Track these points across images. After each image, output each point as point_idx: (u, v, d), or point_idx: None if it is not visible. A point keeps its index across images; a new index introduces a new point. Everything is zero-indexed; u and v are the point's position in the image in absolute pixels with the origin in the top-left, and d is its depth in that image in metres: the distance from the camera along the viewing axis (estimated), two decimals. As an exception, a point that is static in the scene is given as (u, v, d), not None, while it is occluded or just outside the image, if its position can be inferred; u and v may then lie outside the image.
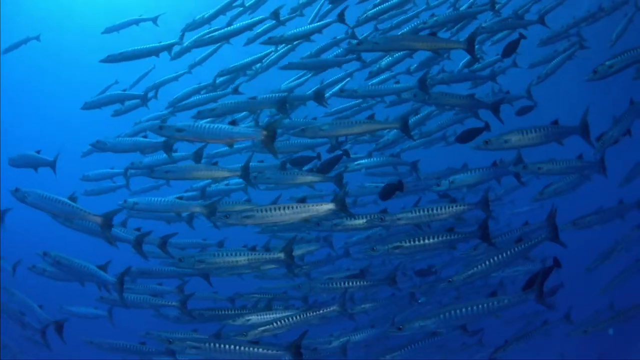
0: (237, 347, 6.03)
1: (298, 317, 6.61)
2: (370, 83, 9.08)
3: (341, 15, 8.45)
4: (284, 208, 6.19)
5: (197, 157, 7.52)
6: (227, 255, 6.57)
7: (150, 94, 9.92)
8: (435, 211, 6.45)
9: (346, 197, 6.47)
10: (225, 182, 9.06)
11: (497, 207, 11.46)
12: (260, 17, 9.21)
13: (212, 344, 6.04)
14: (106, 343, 8.52)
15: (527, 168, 7.29)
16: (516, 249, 6.31)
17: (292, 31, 8.66)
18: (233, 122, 6.63)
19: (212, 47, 10.22)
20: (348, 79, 10.14)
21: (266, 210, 6.17)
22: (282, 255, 6.49)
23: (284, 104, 7.32)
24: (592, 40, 10.91)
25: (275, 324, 6.49)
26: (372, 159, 9.24)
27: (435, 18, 8.12)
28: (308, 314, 6.68)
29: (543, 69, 10.91)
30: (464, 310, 5.73)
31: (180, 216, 8.03)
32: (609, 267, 10.03)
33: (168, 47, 9.47)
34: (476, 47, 9.68)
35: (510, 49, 8.20)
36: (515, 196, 13.00)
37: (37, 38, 14.94)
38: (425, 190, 8.94)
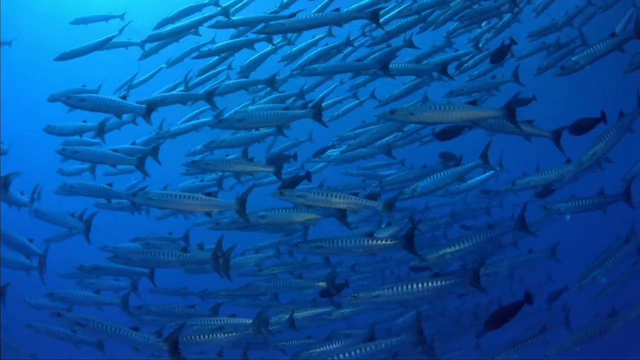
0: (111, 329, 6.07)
1: None
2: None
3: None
4: (189, 198, 6.40)
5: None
6: None
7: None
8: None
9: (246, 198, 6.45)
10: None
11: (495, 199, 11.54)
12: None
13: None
14: (43, 327, 8.43)
15: (547, 209, 7.54)
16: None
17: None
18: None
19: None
20: None
21: (170, 197, 6.41)
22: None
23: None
24: (593, 37, 10.85)
25: None
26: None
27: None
28: None
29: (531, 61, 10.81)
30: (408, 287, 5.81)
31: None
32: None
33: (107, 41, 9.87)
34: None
35: (499, 55, 8.12)
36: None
37: (9, 43, 14.94)
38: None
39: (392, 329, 10.33)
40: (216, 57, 9.74)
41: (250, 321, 6.96)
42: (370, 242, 6.11)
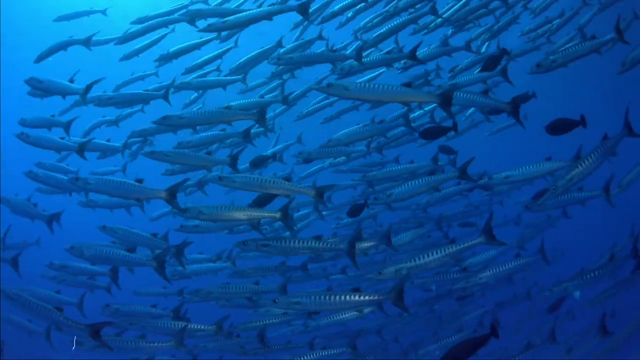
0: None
1: None
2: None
3: None
4: (117, 184, 6.56)
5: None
6: None
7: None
8: None
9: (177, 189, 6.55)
10: None
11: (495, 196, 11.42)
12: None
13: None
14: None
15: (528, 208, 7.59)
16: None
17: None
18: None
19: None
20: None
21: (96, 182, 6.57)
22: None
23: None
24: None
25: None
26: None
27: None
28: None
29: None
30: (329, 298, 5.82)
31: None
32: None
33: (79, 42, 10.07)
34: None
35: (491, 64, 7.93)
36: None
37: None
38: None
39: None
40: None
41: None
42: (316, 244, 6.23)
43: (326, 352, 7.83)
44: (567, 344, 10.54)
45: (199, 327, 7.62)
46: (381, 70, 10.24)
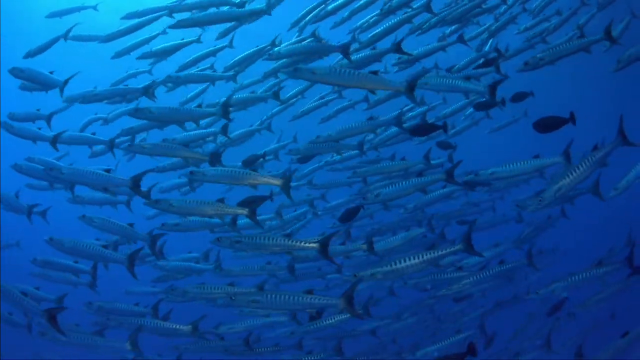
0: None
1: None
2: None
3: None
4: (86, 173, 6.86)
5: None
6: None
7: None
8: None
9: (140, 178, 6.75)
10: None
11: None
12: None
13: None
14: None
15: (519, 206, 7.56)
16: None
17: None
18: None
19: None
20: None
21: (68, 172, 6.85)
22: None
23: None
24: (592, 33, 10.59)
25: None
26: None
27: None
28: None
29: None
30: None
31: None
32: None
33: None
34: None
35: (485, 67, 7.86)
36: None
37: None
38: None
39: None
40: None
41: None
42: (287, 242, 6.21)
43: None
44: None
45: (175, 326, 7.64)
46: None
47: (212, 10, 8.50)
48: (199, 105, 7.97)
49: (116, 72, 11.32)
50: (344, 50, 7.52)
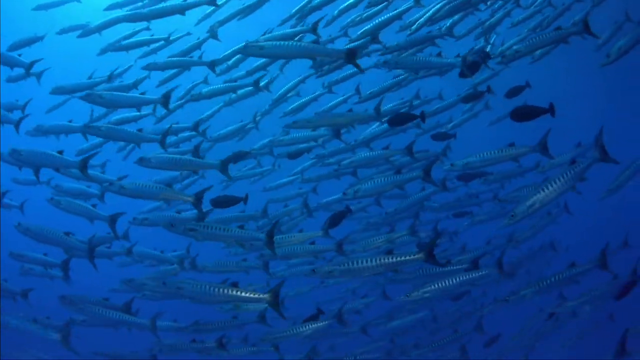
0: None
1: None
2: None
3: None
4: (40, 154, 6.98)
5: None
6: None
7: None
8: None
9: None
10: None
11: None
12: None
13: None
14: None
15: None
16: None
17: None
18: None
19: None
20: None
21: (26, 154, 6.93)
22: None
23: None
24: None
25: None
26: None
27: None
28: None
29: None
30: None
31: None
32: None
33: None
34: None
35: (471, 69, 7.61)
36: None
37: None
38: None
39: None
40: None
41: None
42: (239, 233, 6.39)
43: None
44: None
45: (137, 321, 7.75)
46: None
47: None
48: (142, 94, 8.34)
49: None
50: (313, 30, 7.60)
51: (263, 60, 9.53)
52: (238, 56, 9.57)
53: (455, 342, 9.98)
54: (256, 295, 6.00)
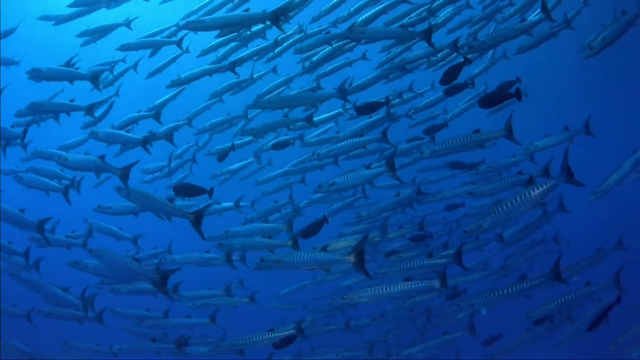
0: None
1: None
2: None
3: None
4: None
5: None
6: None
7: None
8: None
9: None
10: None
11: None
12: None
13: None
14: None
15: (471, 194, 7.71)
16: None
17: None
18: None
19: None
20: None
21: None
22: None
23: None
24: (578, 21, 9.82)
25: None
26: None
27: None
28: None
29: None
30: None
31: None
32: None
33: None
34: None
35: (450, 76, 7.38)
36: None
37: None
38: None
39: None
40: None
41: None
42: (168, 206, 6.63)
43: None
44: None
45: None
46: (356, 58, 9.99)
47: None
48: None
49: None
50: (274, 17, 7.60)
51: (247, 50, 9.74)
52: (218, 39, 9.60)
53: (446, 344, 9.70)
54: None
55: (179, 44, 9.78)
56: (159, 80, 10.69)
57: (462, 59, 7.48)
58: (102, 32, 10.27)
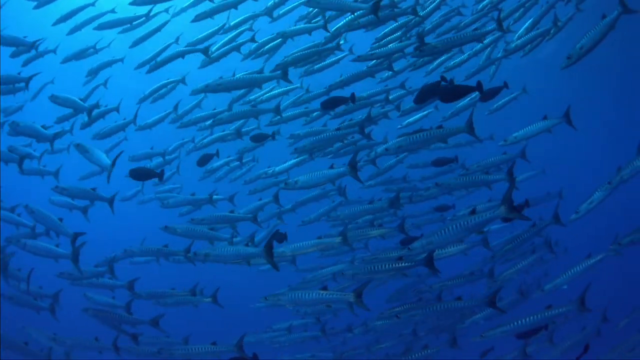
0: None
1: None
2: None
3: None
4: None
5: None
6: None
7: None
8: None
9: None
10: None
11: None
12: None
13: None
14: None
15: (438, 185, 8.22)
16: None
17: None
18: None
19: None
20: None
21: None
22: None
23: None
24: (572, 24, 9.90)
25: None
26: None
27: None
28: None
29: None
30: None
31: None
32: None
33: None
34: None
35: (425, 95, 7.51)
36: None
37: None
38: None
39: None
40: None
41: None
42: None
43: None
44: None
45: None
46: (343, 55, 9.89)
47: None
48: None
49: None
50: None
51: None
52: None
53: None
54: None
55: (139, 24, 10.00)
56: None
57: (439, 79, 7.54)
58: (73, 14, 10.55)
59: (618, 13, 6.11)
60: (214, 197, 10.00)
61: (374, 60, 8.72)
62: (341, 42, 8.98)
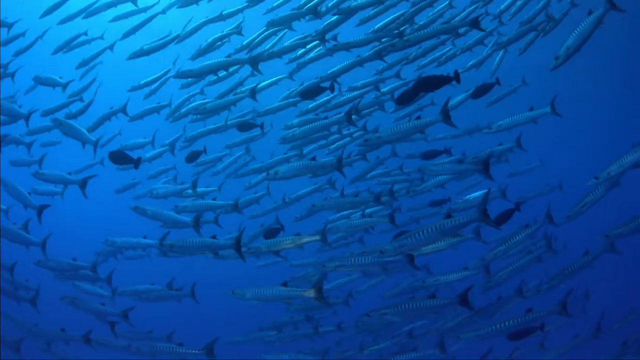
0: None
1: None
2: None
3: None
4: None
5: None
6: None
7: None
8: None
9: None
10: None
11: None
12: None
13: None
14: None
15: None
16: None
17: None
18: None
19: None
20: None
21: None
22: None
23: None
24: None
25: None
26: None
27: None
28: None
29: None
30: None
31: None
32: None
33: None
34: None
35: (408, 97, 7.74)
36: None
37: None
38: None
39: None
40: None
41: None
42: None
43: None
44: None
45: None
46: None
47: None
48: None
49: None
50: None
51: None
52: None
53: None
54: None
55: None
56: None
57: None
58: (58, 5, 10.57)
59: (604, 10, 5.97)
60: (205, 189, 10.07)
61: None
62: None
